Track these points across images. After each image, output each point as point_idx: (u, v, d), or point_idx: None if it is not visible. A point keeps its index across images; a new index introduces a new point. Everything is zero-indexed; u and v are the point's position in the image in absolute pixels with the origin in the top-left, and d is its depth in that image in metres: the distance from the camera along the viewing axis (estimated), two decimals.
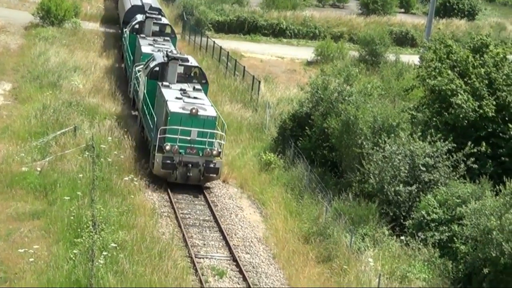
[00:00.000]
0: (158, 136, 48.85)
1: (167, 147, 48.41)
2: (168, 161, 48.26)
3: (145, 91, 56.99)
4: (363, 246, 43.53)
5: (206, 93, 58.54)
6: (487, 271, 40.54)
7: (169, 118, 49.51)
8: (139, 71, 62.82)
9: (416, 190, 47.92)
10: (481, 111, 50.97)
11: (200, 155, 49.42)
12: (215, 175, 51.46)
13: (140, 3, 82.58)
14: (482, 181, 47.12)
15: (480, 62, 53.35)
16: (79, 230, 40.99)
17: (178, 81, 57.02)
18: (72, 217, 42.59)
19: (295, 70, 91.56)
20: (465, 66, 53.34)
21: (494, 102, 51.41)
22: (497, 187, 45.61)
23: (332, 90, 56.73)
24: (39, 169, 49.07)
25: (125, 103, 66.48)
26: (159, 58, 58.57)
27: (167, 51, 60.20)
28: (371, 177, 48.96)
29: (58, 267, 37.50)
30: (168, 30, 71.90)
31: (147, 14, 72.06)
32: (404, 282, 40.32)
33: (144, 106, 56.83)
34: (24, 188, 46.46)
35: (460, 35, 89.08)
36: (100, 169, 50.06)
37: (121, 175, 49.85)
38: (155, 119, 52.26)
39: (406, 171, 48.44)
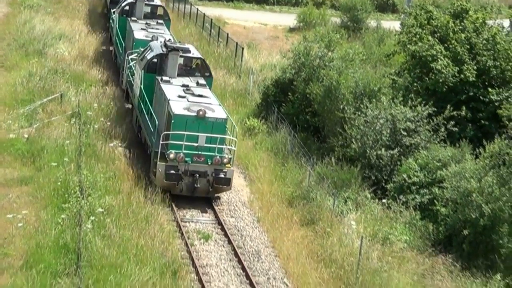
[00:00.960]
0: (160, 142, 40.67)
1: (171, 155, 39.96)
2: (173, 171, 39.77)
3: (141, 86, 48.08)
4: (346, 209, 43.79)
5: (210, 88, 49.30)
6: (467, 233, 40.90)
7: (172, 121, 41.16)
8: (132, 60, 53.78)
9: (397, 154, 48.14)
10: (461, 76, 51.21)
11: (209, 163, 40.69)
12: (226, 186, 42.52)
13: None
14: (462, 144, 47.37)
15: (460, 27, 53.57)
16: (66, 195, 41.02)
17: (179, 75, 47.80)
18: (59, 183, 42.66)
19: (277, 37, 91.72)
20: (445, 31, 53.54)
21: (475, 67, 51.65)
22: (477, 151, 46.00)
23: (314, 56, 56.82)
24: (26, 136, 49.06)
25: (110, 69, 66.24)
26: (157, 48, 48.51)
27: (164, 39, 50.64)
28: (353, 141, 49.09)
29: (46, 232, 37.59)
30: (160, 11, 64.14)
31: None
32: (385, 244, 40.55)
33: (142, 104, 48.02)
34: (11, 154, 46.51)
35: (440, 1, 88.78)
36: (86, 136, 50.08)
37: (107, 140, 49.84)
38: (156, 121, 43.54)
39: (387, 135, 48.62)
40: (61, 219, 38.61)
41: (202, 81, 48.11)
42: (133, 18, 60.87)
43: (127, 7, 61.66)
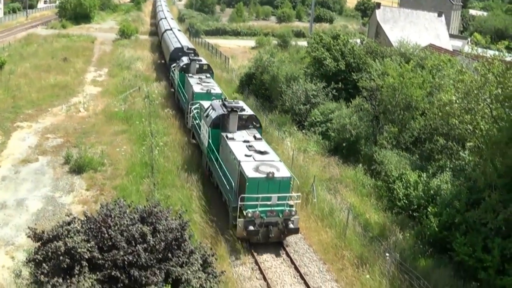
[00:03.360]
0: (238, 202, 28.75)
1: (249, 214, 28.89)
2: (251, 227, 28.73)
3: (209, 140, 34.98)
4: (284, 136, 43.80)
5: (261, 135, 35.62)
6: (344, 144, 41.17)
7: (247, 183, 28.94)
8: (196, 109, 41.15)
9: (309, 107, 48.27)
10: (338, 67, 51.38)
11: (280, 216, 29.35)
12: (295, 233, 30.16)
13: (180, 46, 62.68)
14: (340, 101, 47.59)
15: (336, 43, 53.56)
16: (144, 137, 41.25)
17: (238, 128, 34.85)
18: (140, 131, 42.81)
19: (246, 52, 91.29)
20: (329, 45, 53.51)
21: (344, 63, 51.76)
22: (348, 104, 46.21)
23: (264, 60, 56.70)
24: (123, 109, 49.11)
25: (163, 74, 66.07)
26: (218, 108, 35.97)
27: (222, 100, 37.94)
28: (287, 102, 49.32)
29: (136, 156, 37.92)
30: (206, 67, 53.08)
31: (190, 57, 53.81)
32: (305, 152, 40.60)
33: (210, 153, 34.79)
34: (117, 119, 46.58)
35: (327, 29, 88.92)
36: (152, 107, 50.11)
37: (163, 109, 49.88)
38: (232, 182, 30.20)
39: (303, 98, 48.72)
40: (142, 149, 38.81)
41: (257, 134, 34.64)
42: (189, 75, 49.34)
43: (184, 66, 51.43)
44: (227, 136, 32.88)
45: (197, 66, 51.77)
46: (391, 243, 29.25)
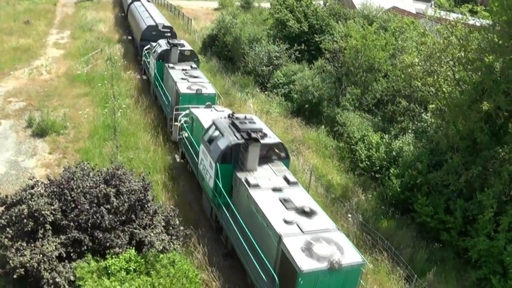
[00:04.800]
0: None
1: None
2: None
3: (216, 179, 23.50)
4: (247, 98, 43.20)
5: (288, 167, 24.50)
6: (307, 106, 40.72)
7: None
8: (186, 122, 30.64)
9: (271, 68, 47.47)
10: (301, 28, 50.65)
11: None
12: None
13: (153, 23, 51.04)
14: (303, 63, 47.05)
15: (300, 5, 52.83)
16: (107, 99, 40.35)
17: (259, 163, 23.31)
18: (103, 94, 41.84)
19: (209, 13, 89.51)
20: (292, 6, 52.69)
21: (307, 24, 51.06)
22: (310, 66, 45.70)
23: (227, 22, 55.65)
24: (85, 71, 47.92)
25: (125, 35, 64.76)
26: (229, 134, 24.00)
27: (230, 115, 26.06)
28: (250, 63, 48.44)
29: (98, 119, 37.03)
30: (188, 53, 41.23)
31: (170, 41, 41.33)
32: (268, 114, 40.16)
33: (216, 196, 23.85)
34: (79, 81, 45.27)
35: None
36: (115, 69, 49.00)
37: (126, 71, 48.87)
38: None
39: (266, 60, 47.92)
40: (105, 112, 37.92)
41: (291, 177, 22.81)
42: (170, 65, 38.09)
43: (163, 52, 39.67)
44: (249, 184, 21.64)
45: (179, 53, 40.15)
46: (353, 204, 29.14)
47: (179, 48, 40.31)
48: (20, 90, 42.90)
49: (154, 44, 43.72)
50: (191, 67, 38.91)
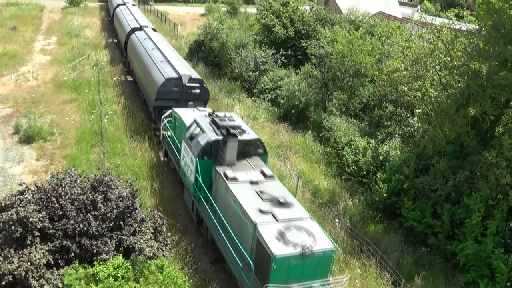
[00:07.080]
0: None
1: None
2: None
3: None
4: (234, 103, 43.05)
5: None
6: (293, 112, 40.64)
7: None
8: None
9: (258, 74, 47.42)
10: (288, 34, 50.63)
11: None
12: None
13: (175, 75, 34.24)
14: (290, 68, 47.02)
15: (286, 10, 52.81)
16: (94, 106, 40.07)
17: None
18: (89, 100, 41.56)
19: (195, 19, 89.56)
20: (278, 12, 52.72)
21: (294, 30, 51.03)
22: (297, 71, 45.66)
23: (213, 27, 55.53)
24: (72, 78, 47.60)
25: (113, 43, 64.43)
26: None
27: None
28: (236, 68, 48.32)
29: (85, 125, 36.74)
30: (255, 143, 24.59)
31: (215, 117, 25.63)
32: (255, 119, 40.07)
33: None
34: (66, 87, 44.96)
35: None
36: (102, 75, 48.76)
37: (112, 77, 48.60)
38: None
39: (252, 65, 47.82)
40: (92, 118, 37.64)
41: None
42: (227, 173, 22.11)
43: (208, 147, 23.74)
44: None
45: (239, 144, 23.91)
46: (340, 209, 29.07)
47: (239, 136, 23.96)
48: (7, 97, 42.54)
49: (180, 113, 28.94)
50: (264, 174, 22.86)
